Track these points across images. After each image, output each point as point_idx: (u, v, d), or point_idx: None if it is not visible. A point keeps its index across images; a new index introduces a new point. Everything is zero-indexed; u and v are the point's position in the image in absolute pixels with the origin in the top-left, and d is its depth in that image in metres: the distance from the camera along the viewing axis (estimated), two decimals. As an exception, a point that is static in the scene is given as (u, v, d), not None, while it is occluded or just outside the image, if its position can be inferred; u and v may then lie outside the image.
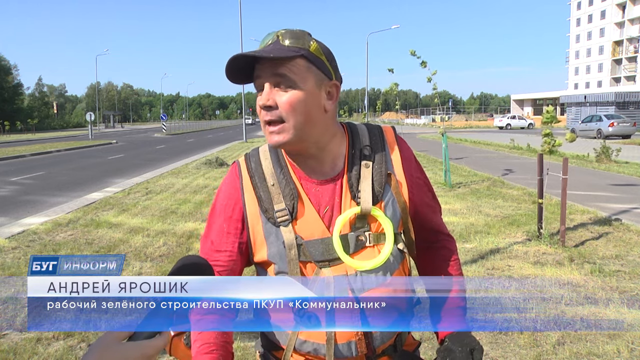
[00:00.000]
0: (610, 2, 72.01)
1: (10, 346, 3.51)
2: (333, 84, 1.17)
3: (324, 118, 1.16)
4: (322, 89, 1.14)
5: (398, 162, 1.24)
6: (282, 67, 1.09)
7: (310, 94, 1.11)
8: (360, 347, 1.16)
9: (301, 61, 1.10)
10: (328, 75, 1.15)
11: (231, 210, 1.22)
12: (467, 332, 1.23)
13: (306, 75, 1.11)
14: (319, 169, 1.20)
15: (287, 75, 1.09)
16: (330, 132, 1.19)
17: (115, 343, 0.74)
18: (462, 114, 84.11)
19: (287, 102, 1.09)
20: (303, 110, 1.11)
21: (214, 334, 1.14)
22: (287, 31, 1.13)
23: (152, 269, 5.23)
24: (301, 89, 1.10)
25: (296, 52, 1.09)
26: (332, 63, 1.17)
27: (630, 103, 36.77)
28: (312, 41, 1.13)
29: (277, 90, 1.10)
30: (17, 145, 31.05)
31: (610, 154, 15.00)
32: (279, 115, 1.11)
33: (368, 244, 1.17)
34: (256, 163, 1.23)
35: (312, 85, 1.12)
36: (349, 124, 1.29)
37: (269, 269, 1.21)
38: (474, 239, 6.26)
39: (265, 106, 1.11)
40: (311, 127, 1.13)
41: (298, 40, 1.11)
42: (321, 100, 1.14)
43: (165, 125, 51.53)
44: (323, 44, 1.16)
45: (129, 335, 0.77)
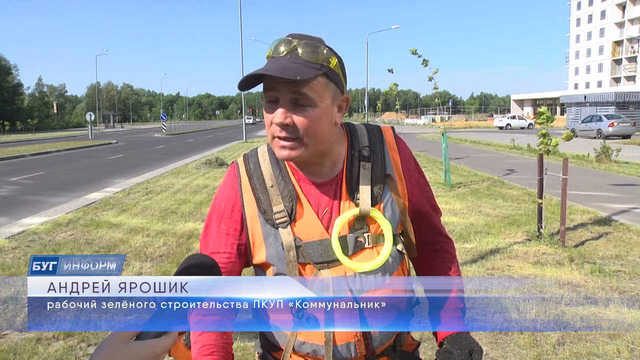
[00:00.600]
0: (610, 2, 71.99)
1: (10, 346, 3.51)
2: (345, 98, 1.16)
3: (333, 131, 1.15)
4: (335, 104, 1.13)
5: (397, 162, 1.23)
6: (302, 86, 1.05)
7: (326, 111, 1.10)
8: (359, 348, 1.16)
9: (321, 79, 1.08)
10: (341, 89, 1.14)
11: (230, 211, 1.22)
12: (466, 333, 1.23)
13: (324, 93, 1.09)
14: (318, 170, 1.20)
15: (307, 94, 1.06)
16: (334, 141, 1.19)
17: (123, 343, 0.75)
18: (462, 114, 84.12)
19: (304, 122, 1.07)
20: (317, 127, 1.09)
21: (213, 335, 1.13)
22: (304, 41, 1.08)
23: (152, 269, 5.23)
24: (319, 107, 1.08)
25: (318, 70, 1.06)
26: (345, 76, 1.16)
27: (630, 103, 36.75)
28: (332, 56, 1.10)
29: (294, 107, 1.07)
30: (17, 145, 31.04)
31: (610, 154, 15.00)
32: (294, 133, 1.08)
33: (367, 245, 1.17)
34: (255, 164, 1.22)
35: (328, 101, 1.10)
36: (348, 124, 1.28)
37: (268, 271, 1.21)
38: (474, 239, 6.26)
39: (282, 124, 1.08)
40: (321, 141, 1.12)
41: (318, 56, 1.07)
42: (333, 115, 1.13)
43: (165, 125, 51.53)
44: (339, 57, 1.13)
45: (136, 335, 0.77)
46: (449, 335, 1.24)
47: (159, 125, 61.27)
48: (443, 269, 1.33)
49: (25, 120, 62.55)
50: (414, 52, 9.96)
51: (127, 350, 0.74)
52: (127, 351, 0.74)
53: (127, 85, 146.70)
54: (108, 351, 0.73)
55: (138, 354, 0.75)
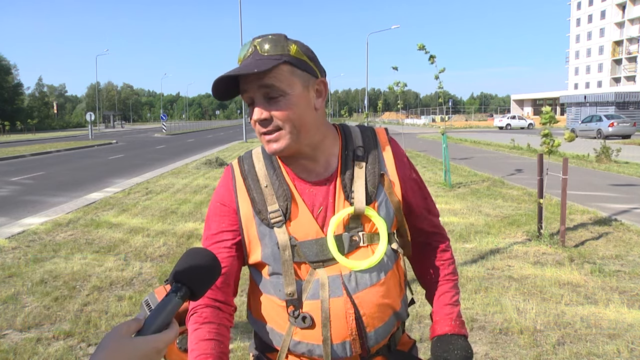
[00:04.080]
0: (610, 2, 71.99)
1: (10, 346, 3.50)
2: (320, 81, 1.17)
3: (315, 117, 1.16)
4: (310, 89, 1.14)
5: (391, 162, 1.24)
6: (267, 78, 1.08)
7: (300, 97, 1.11)
8: (355, 347, 1.16)
9: (285, 67, 1.09)
10: (313, 74, 1.15)
11: (225, 212, 1.22)
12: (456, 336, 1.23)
13: (292, 80, 1.10)
14: (313, 169, 1.20)
15: (274, 85, 1.08)
16: (321, 131, 1.19)
17: (125, 338, 0.75)
18: (462, 114, 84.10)
19: (280, 112, 1.09)
20: (296, 115, 1.11)
21: (210, 344, 1.13)
22: (263, 38, 1.11)
23: (152, 269, 5.23)
24: (290, 95, 1.10)
25: (278, 59, 1.08)
26: (315, 61, 1.16)
27: (630, 103, 36.74)
28: (291, 44, 1.12)
29: (267, 101, 1.10)
30: (17, 145, 31.04)
31: (610, 154, 15.00)
32: (275, 125, 1.11)
33: (362, 244, 1.17)
34: (249, 165, 1.23)
35: (299, 88, 1.11)
36: (342, 125, 1.29)
37: (263, 271, 1.21)
38: (474, 239, 6.26)
39: (260, 120, 1.11)
40: (305, 129, 1.13)
41: (277, 47, 1.10)
42: (311, 100, 1.14)
43: (165, 125, 51.55)
44: (302, 44, 1.15)
45: (137, 330, 0.78)
46: (436, 337, 1.25)
47: (159, 125, 61.26)
48: (440, 267, 1.34)
49: (25, 120, 62.58)
50: (422, 48, 9.87)
51: (130, 345, 0.74)
52: (130, 346, 0.74)
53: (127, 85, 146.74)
54: (112, 346, 0.73)
55: (141, 348, 0.75)
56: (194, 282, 0.86)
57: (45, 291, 4.58)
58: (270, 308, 1.20)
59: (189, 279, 0.86)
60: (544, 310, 4.02)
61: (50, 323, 3.91)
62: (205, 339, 1.14)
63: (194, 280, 0.86)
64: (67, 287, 4.71)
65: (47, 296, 4.46)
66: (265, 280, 1.20)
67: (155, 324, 0.79)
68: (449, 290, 1.30)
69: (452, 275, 1.33)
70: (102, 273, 5.11)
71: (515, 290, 4.45)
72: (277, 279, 1.17)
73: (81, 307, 4.21)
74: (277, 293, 1.17)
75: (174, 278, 0.85)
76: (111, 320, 3.91)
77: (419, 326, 3.72)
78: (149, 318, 0.80)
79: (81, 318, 3.98)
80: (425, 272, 1.36)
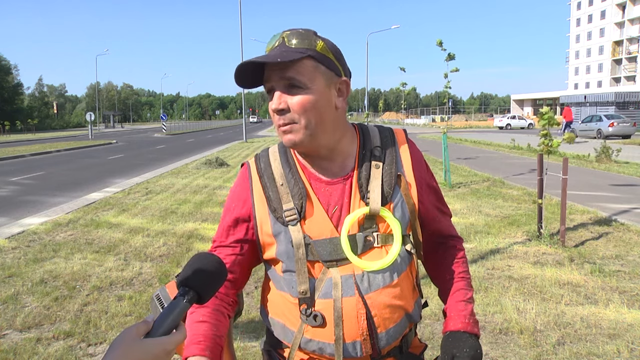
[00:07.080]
0: (610, 2, 71.98)
1: (10, 346, 3.50)
2: (343, 80, 1.17)
3: (334, 116, 1.16)
4: (332, 87, 1.14)
5: (408, 164, 1.23)
6: (290, 70, 1.09)
7: (321, 94, 1.12)
8: (365, 348, 1.15)
9: (309, 62, 1.10)
10: (337, 72, 1.15)
11: (240, 210, 1.23)
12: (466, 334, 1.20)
13: (315, 75, 1.11)
14: (329, 168, 1.20)
15: (295, 77, 1.09)
16: (340, 130, 1.19)
17: (136, 340, 0.76)
18: (462, 114, 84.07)
19: (298, 104, 1.10)
20: (314, 110, 1.11)
21: (203, 326, 1.15)
22: (292, 32, 1.12)
23: (152, 269, 5.23)
24: (311, 90, 1.10)
25: (303, 53, 1.09)
26: (340, 60, 1.17)
27: (630, 103, 36.72)
28: (319, 40, 1.13)
29: (287, 92, 1.11)
30: (17, 145, 31.04)
31: (610, 154, 15.00)
32: (291, 117, 1.11)
33: (376, 245, 1.16)
34: (265, 163, 1.24)
35: (321, 84, 1.12)
36: (360, 124, 1.29)
37: (277, 267, 1.21)
38: (474, 239, 6.25)
39: (277, 110, 1.11)
40: (323, 126, 1.13)
41: (304, 41, 1.11)
42: (332, 98, 1.15)
43: (165, 125, 51.54)
44: (330, 41, 1.15)
45: (147, 331, 0.79)
46: (448, 332, 1.23)
47: (159, 125, 61.30)
48: (453, 267, 1.32)
49: (25, 120, 62.61)
50: (440, 44, 9.79)
51: (140, 347, 0.76)
52: (140, 348, 0.76)
53: (127, 85, 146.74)
54: (122, 348, 0.74)
55: (151, 350, 0.76)
56: (201, 286, 0.88)
57: (45, 291, 4.58)
58: (282, 305, 1.20)
59: (196, 283, 0.87)
60: (544, 310, 4.02)
61: (50, 323, 3.91)
62: (198, 321, 1.15)
63: (201, 284, 0.88)
64: (67, 287, 4.71)
65: (47, 296, 4.46)
66: (279, 277, 1.20)
67: (164, 326, 0.81)
68: (463, 287, 1.29)
69: (466, 274, 1.32)
70: (102, 273, 5.11)
71: (515, 290, 4.45)
72: (290, 276, 1.17)
73: (81, 307, 4.21)
74: (290, 290, 1.18)
75: (181, 283, 0.87)
76: (111, 320, 3.92)
77: (419, 326, 3.72)
78: (157, 320, 0.81)
79: (81, 318, 3.98)
80: (439, 269, 1.35)
